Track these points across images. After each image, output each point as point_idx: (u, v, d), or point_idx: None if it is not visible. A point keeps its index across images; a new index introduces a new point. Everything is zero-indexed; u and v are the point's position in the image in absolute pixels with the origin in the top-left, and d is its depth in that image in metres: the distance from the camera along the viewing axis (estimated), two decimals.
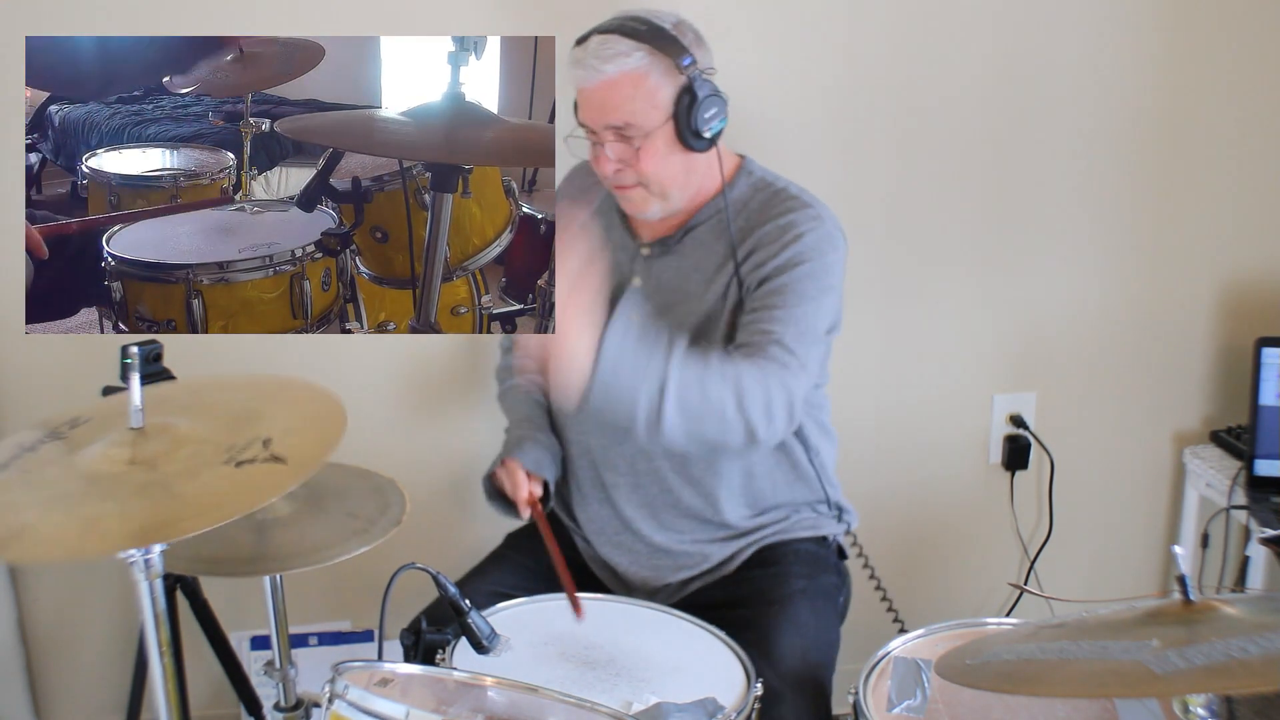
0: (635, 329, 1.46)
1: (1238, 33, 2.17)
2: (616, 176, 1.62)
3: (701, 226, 1.68)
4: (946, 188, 2.18)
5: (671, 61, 1.55)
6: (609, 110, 1.57)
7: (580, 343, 1.40)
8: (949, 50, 2.11)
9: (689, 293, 1.66)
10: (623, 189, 1.64)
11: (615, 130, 1.58)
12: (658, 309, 1.67)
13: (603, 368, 1.41)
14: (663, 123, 1.57)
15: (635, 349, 1.44)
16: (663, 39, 1.56)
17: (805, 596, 1.66)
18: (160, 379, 1.68)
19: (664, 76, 1.56)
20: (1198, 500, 2.33)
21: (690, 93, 1.56)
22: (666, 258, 1.69)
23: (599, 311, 1.43)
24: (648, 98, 1.56)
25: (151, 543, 1.12)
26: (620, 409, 1.44)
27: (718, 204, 1.67)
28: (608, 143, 1.60)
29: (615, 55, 1.55)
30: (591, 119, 1.60)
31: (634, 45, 1.55)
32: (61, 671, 2.23)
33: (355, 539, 1.47)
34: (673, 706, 1.31)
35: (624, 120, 1.57)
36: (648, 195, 1.63)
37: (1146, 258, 2.27)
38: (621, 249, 1.73)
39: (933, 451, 2.33)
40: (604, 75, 1.55)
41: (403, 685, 1.26)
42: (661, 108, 1.57)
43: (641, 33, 1.55)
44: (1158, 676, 0.97)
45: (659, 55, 1.55)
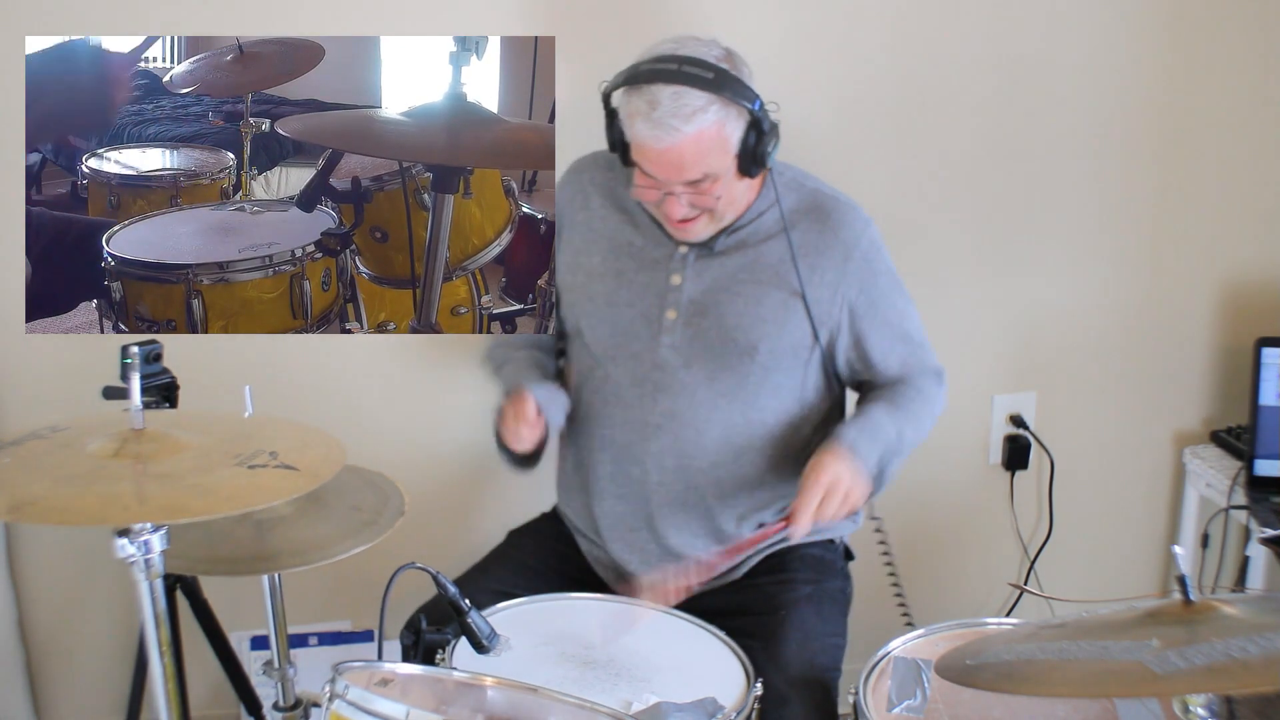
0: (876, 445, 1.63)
1: (1238, 33, 2.17)
2: (684, 216, 1.62)
3: (746, 227, 1.68)
4: (946, 188, 2.18)
5: (740, 106, 1.55)
6: (687, 168, 1.56)
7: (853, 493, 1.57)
8: (948, 50, 2.10)
9: (737, 292, 1.66)
10: (687, 223, 1.63)
11: (690, 182, 1.58)
12: (701, 306, 1.67)
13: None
14: (734, 162, 1.58)
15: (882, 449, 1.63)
16: (731, 84, 1.54)
17: (811, 602, 1.66)
18: (160, 379, 1.68)
19: (736, 121, 1.56)
20: (1198, 500, 2.33)
21: (757, 128, 1.57)
22: (712, 258, 1.68)
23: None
24: (723, 146, 1.56)
25: (169, 519, 1.13)
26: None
27: (759, 207, 1.68)
28: (679, 192, 1.59)
29: (694, 113, 1.52)
30: (666, 175, 1.58)
31: (708, 98, 1.52)
32: (61, 671, 2.23)
33: (356, 536, 1.47)
34: (673, 706, 1.31)
35: (701, 173, 1.57)
36: (709, 223, 1.65)
37: (1146, 258, 2.27)
38: (655, 246, 1.71)
39: (933, 451, 2.31)
40: (683, 135, 1.52)
41: (403, 685, 1.26)
42: (733, 151, 1.58)
43: (709, 81, 1.52)
44: (1158, 676, 0.97)
45: (731, 103, 1.54)
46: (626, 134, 1.58)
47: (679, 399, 1.67)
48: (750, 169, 1.59)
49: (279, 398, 1.67)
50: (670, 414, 1.68)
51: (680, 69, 1.53)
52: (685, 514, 1.71)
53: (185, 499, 1.11)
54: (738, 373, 1.67)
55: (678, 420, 1.68)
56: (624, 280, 1.71)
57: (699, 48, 1.56)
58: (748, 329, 1.66)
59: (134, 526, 1.13)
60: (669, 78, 1.53)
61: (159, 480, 1.15)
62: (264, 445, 1.24)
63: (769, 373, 1.67)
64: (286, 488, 1.16)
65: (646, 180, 1.60)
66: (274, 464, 1.20)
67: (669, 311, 1.68)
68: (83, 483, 1.13)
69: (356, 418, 2.11)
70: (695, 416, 1.67)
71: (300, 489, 1.16)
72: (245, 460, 1.20)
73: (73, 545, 2.14)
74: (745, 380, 1.67)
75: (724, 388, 1.67)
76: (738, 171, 1.60)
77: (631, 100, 1.55)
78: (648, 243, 1.71)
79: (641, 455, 1.70)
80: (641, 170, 1.60)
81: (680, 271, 1.68)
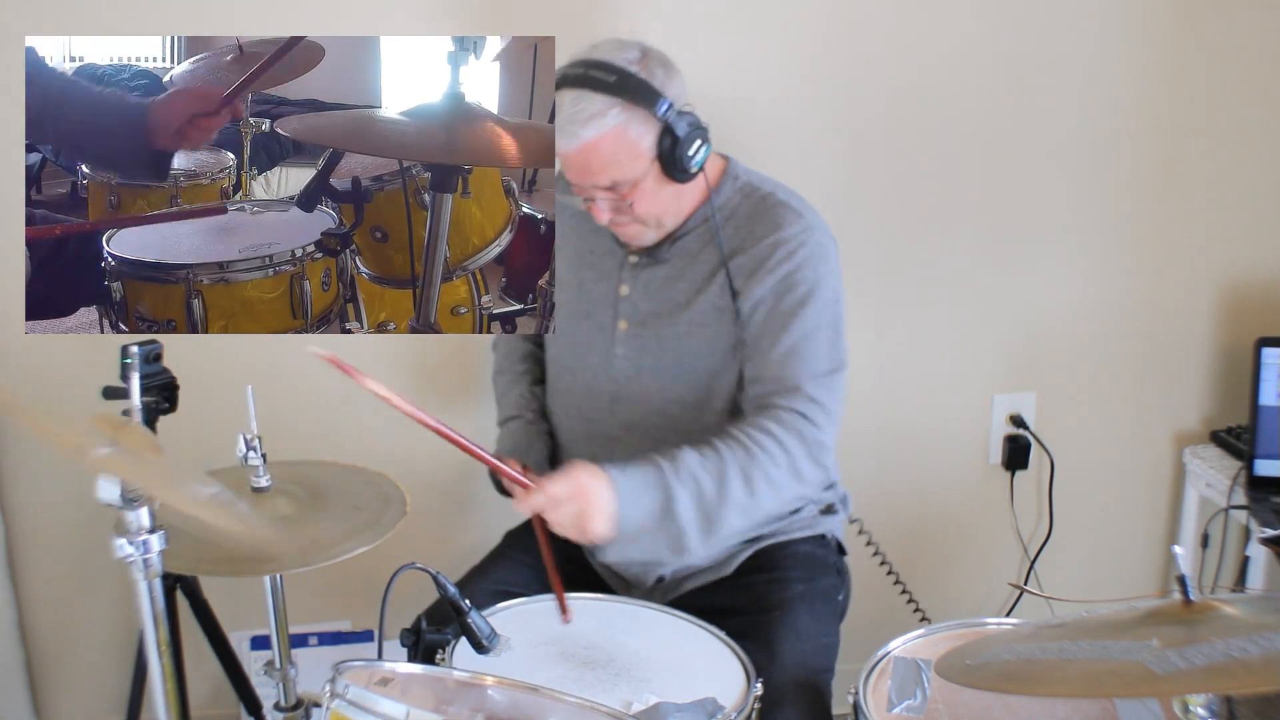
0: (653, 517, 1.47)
1: (1238, 33, 2.17)
2: (613, 221, 1.61)
3: (689, 235, 1.67)
4: (946, 187, 2.18)
5: (647, 110, 1.51)
6: (594, 172, 1.55)
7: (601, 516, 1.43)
8: (947, 49, 2.10)
9: (677, 301, 1.66)
10: (619, 227, 1.63)
11: (603, 187, 1.57)
12: (645, 316, 1.67)
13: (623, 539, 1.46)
14: (648, 167, 1.55)
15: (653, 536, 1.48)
16: (633, 88, 1.50)
17: (804, 600, 1.65)
18: (160, 379, 1.68)
19: (643, 126, 1.52)
20: (1198, 500, 2.33)
21: (670, 134, 1.53)
22: (654, 267, 1.68)
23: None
24: (629, 151, 1.53)
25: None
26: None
27: (705, 212, 1.66)
28: (598, 197, 1.58)
29: (590, 117, 1.49)
30: (578, 179, 1.57)
31: (607, 101, 1.49)
32: (61, 671, 2.23)
33: (356, 537, 1.47)
34: (673, 706, 1.31)
35: (610, 179, 1.55)
36: (644, 229, 1.63)
37: (1146, 258, 2.27)
38: (609, 255, 1.72)
39: (933, 451, 2.33)
40: (583, 139, 1.50)
41: (403, 685, 1.26)
42: (645, 155, 1.54)
43: (611, 85, 1.49)
44: (1158, 676, 0.97)
45: (634, 107, 1.51)
46: None
47: (634, 410, 1.68)
48: (674, 174, 1.56)
49: (279, 398, 1.67)
50: (627, 426, 1.68)
51: (585, 73, 1.51)
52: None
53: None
54: (687, 381, 1.66)
55: (634, 433, 1.68)
56: (584, 290, 1.72)
57: (613, 51, 1.54)
58: (686, 336, 1.65)
59: (133, 527, 1.13)
60: (572, 82, 1.51)
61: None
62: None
63: (717, 376, 1.65)
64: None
65: (575, 191, 1.60)
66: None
67: (620, 322, 1.68)
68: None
69: (356, 418, 2.11)
70: (651, 426, 1.67)
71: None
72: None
73: (73, 545, 2.15)
74: (694, 387, 1.65)
75: (676, 395, 1.66)
76: (663, 176, 1.56)
77: (552, 106, 1.55)
78: (602, 251, 1.71)
79: (620, 451, 1.69)
80: (567, 181, 1.61)
81: (629, 281, 1.69)
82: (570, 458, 1.72)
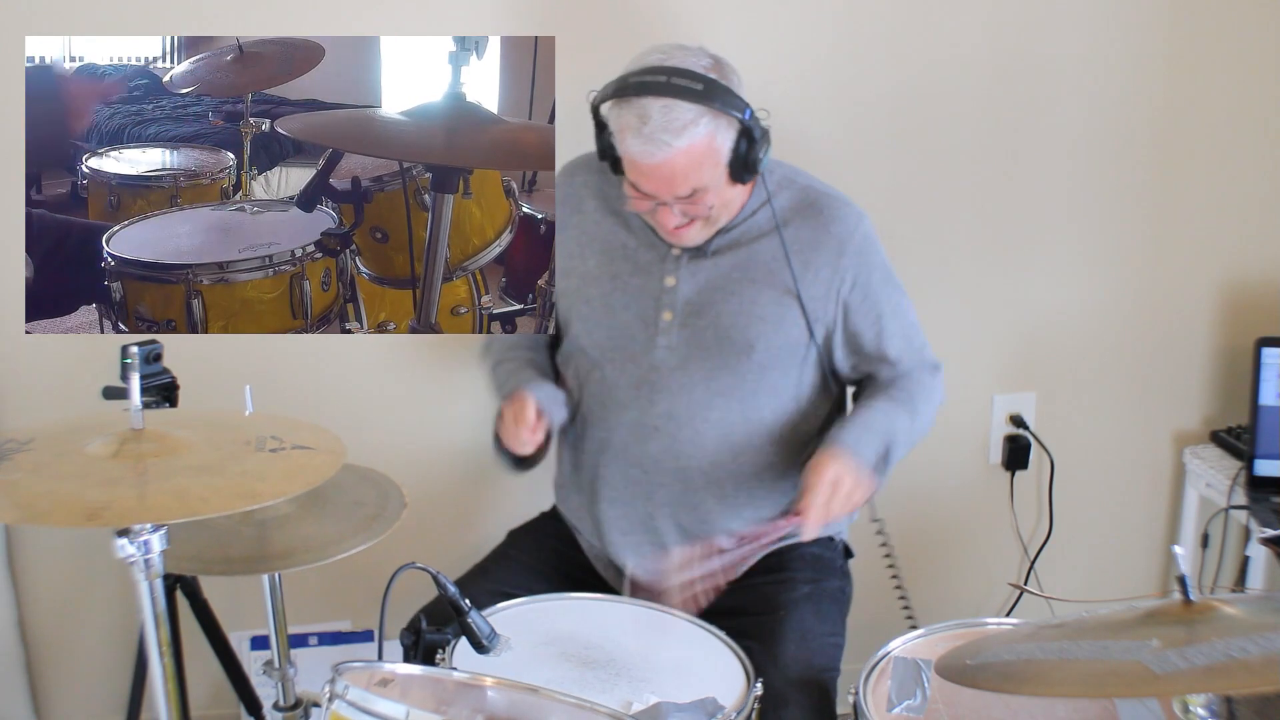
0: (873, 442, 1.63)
1: (1238, 32, 2.17)
2: (677, 225, 1.61)
3: (738, 228, 1.68)
4: (945, 187, 2.18)
5: (730, 116, 1.53)
6: (678, 182, 1.55)
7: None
8: (947, 49, 2.10)
9: (731, 292, 1.66)
10: (679, 230, 1.62)
11: (683, 196, 1.56)
12: (698, 306, 1.67)
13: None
14: (725, 171, 1.57)
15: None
16: (720, 95, 1.51)
17: (810, 602, 1.66)
18: (160, 379, 1.68)
19: (727, 132, 1.54)
20: (1198, 500, 2.33)
21: (748, 136, 1.55)
22: (704, 259, 1.68)
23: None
24: (713, 158, 1.55)
25: (217, 512, 1.11)
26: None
27: (751, 206, 1.67)
28: (672, 204, 1.58)
29: (684, 127, 1.49)
30: (657, 190, 1.56)
31: (697, 110, 1.50)
32: (61, 671, 2.23)
33: (356, 536, 1.47)
34: (673, 706, 1.31)
35: (691, 187, 1.55)
36: (704, 228, 1.64)
37: (1146, 258, 2.27)
38: (647, 249, 1.70)
39: (933, 451, 2.32)
40: (674, 149, 1.50)
41: (403, 685, 1.26)
42: (724, 161, 1.56)
43: (699, 93, 1.50)
44: (1158, 676, 0.97)
45: (721, 114, 1.52)
46: (617, 148, 1.57)
47: (676, 400, 1.67)
48: (742, 176, 1.58)
49: (279, 398, 1.67)
50: (668, 415, 1.68)
51: (669, 81, 1.50)
52: (684, 515, 1.71)
53: (224, 488, 1.13)
54: (735, 372, 1.67)
55: (675, 421, 1.68)
56: (619, 283, 1.70)
57: (687, 57, 1.54)
58: (743, 328, 1.65)
59: (134, 527, 1.13)
60: (658, 90, 1.50)
61: (188, 473, 1.16)
62: (264, 432, 1.26)
63: (766, 371, 1.67)
64: (319, 466, 1.19)
65: (638, 193, 1.59)
66: (287, 446, 1.22)
67: (665, 313, 1.67)
68: (82, 483, 1.13)
69: (356, 418, 2.10)
70: (693, 417, 1.67)
71: (332, 466, 1.20)
72: (260, 445, 1.21)
73: (73, 545, 2.15)
74: (742, 380, 1.67)
75: (721, 387, 1.67)
76: (729, 179, 1.58)
77: (621, 114, 1.53)
78: (641, 245, 1.70)
79: (640, 457, 1.70)
80: (631, 184, 1.59)
81: (674, 273, 1.68)
82: (605, 446, 1.72)
